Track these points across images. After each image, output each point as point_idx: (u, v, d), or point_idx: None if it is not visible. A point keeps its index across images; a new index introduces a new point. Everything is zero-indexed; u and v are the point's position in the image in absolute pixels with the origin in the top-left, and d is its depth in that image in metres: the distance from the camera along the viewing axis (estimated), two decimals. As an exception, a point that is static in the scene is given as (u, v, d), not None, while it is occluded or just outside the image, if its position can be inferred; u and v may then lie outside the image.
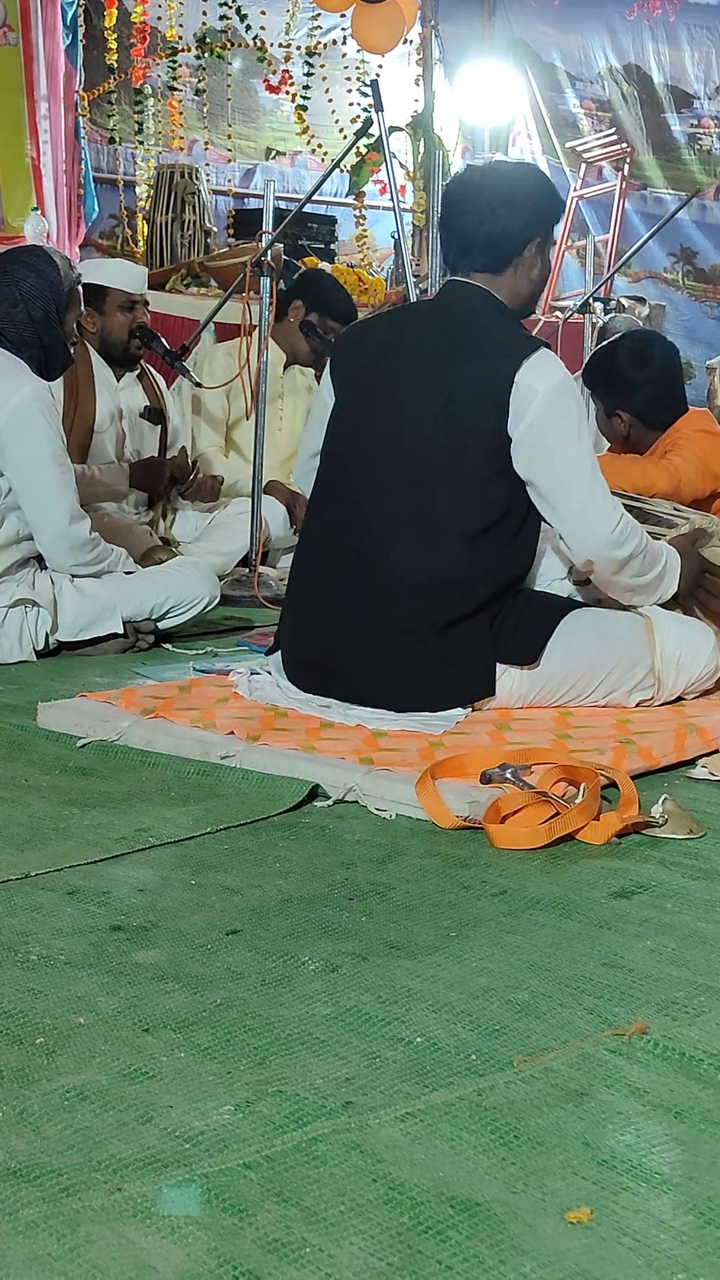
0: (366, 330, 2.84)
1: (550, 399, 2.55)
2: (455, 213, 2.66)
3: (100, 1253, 1.05)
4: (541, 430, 2.55)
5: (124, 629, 3.45)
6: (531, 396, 2.54)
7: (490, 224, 2.63)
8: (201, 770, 2.41)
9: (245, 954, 1.64)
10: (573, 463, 2.59)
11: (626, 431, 3.81)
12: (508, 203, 2.64)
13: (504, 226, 2.63)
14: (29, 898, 1.81)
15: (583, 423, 2.65)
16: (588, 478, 2.61)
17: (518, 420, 2.55)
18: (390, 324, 2.83)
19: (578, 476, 2.59)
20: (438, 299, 2.77)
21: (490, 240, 2.64)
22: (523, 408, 2.54)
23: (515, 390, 2.54)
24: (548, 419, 2.55)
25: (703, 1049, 1.39)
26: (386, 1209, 1.12)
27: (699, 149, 9.15)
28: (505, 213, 2.63)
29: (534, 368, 2.55)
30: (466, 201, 2.64)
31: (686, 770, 2.49)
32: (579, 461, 2.60)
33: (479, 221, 2.63)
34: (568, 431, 2.58)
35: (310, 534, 2.79)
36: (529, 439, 2.55)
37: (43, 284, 3.36)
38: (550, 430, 2.56)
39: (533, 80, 9.60)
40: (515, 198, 2.65)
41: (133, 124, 7.74)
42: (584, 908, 1.81)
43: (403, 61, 8.75)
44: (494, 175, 2.68)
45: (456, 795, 2.17)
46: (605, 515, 2.62)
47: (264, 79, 8.38)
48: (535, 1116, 1.27)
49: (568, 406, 2.59)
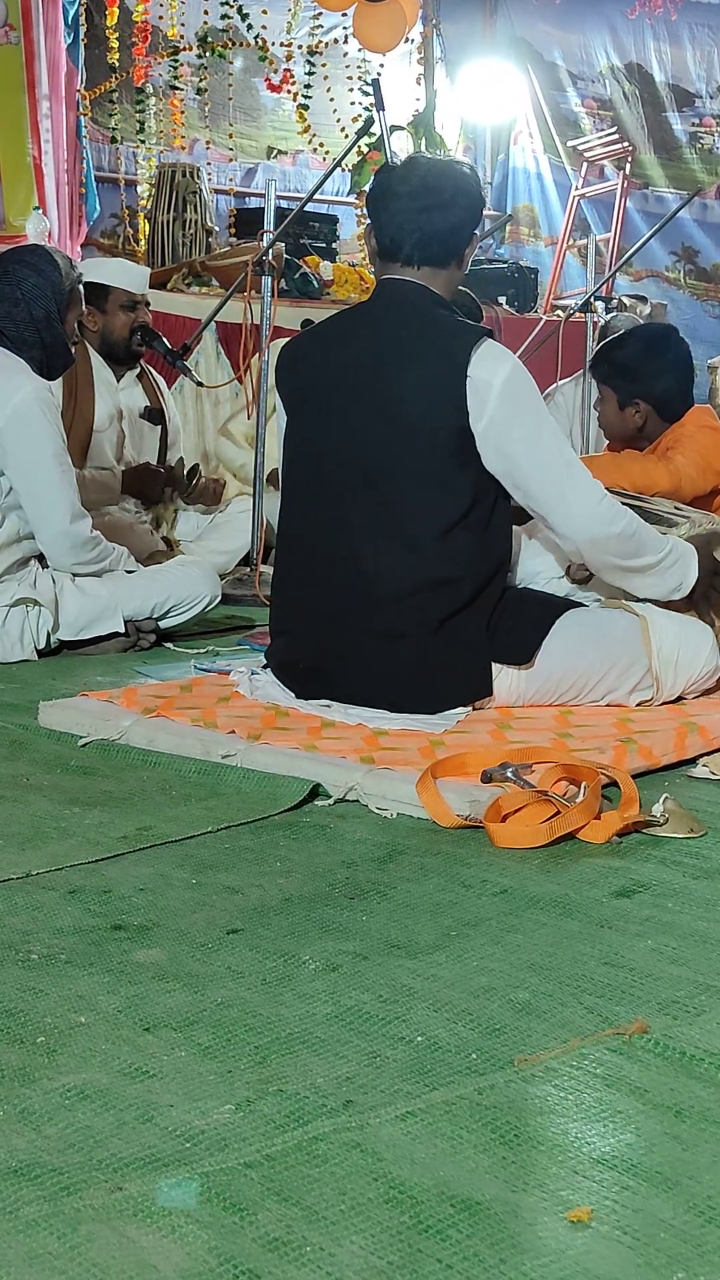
0: (307, 342, 2.81)
1: (507, 389, 2.54)
2: (418, 208, 2.61)
3: (101, 1251, 1.05)
4: (504, 422, 2.55)
5: (125, 628, 3.45)
6: (488, 390, 2.53)
7: (449, 218, 2.62)
8: (202, 769, 2.41)
9: (246, 953, 1.64)
10: (542, 446, 2.58)
11: (642, 423, 3.77)
12: (462, 195, 2.64)
13: (459, 220, 2.64)
14: (30, 897, 1.81)
15: (542, 405, 2.64)
16: (560, 458, 2.61)
17: (479, 415, 2.54)
18: (330, 333, 2.78)
19: (549, 459, 2.59)
20: (377, 300, 2.72)
21: (447, 233, 2.63)
22: (481, 402, 2.53)
23: (470, 385, 2.53)
24: (508, 409, 2.55)
25: (703, 1048, 1.39)
26: (387, 1208, 1.12)
27: (700, 148, 9.15)
28: (462, 204, 2.64)
29: (484, 360, 2.54)
30: (430, 196, 2.61)
31: (687, 769, 2.49)
32: (547, 444, 2.59)
33: (441, 216, 2.61)
34: (529, 417, 2.57)
35: (287, 552, 2.77)
36: (492, 433, 2.55)
37: (44, 283, 3.36)
38: (513, 420, 2.55)
39: (534, 79, 9.59)
40: (467, 191, 2.65)
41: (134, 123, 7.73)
42: (585, 907, 1.81)
43: (404, 60, 8.75)
44: (442, 169, 2.67)
45: (457, 794, 2.17)
46: (585, 493, 2.62)
47: (265, 78, 8.37)
48: (536, 1115, 1.27)
49: (525, 392, 2.58)
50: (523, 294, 7.85)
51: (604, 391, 3.85)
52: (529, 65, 9.58)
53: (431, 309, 2.64)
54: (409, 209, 2.62)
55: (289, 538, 2.76)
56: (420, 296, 2.65)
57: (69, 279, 3.42)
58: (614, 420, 3.84)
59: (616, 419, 3.83)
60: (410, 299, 2.65)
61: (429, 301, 2.65)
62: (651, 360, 3.74)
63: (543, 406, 2.65)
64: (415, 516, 2.57)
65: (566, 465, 2.62)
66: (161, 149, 7.83)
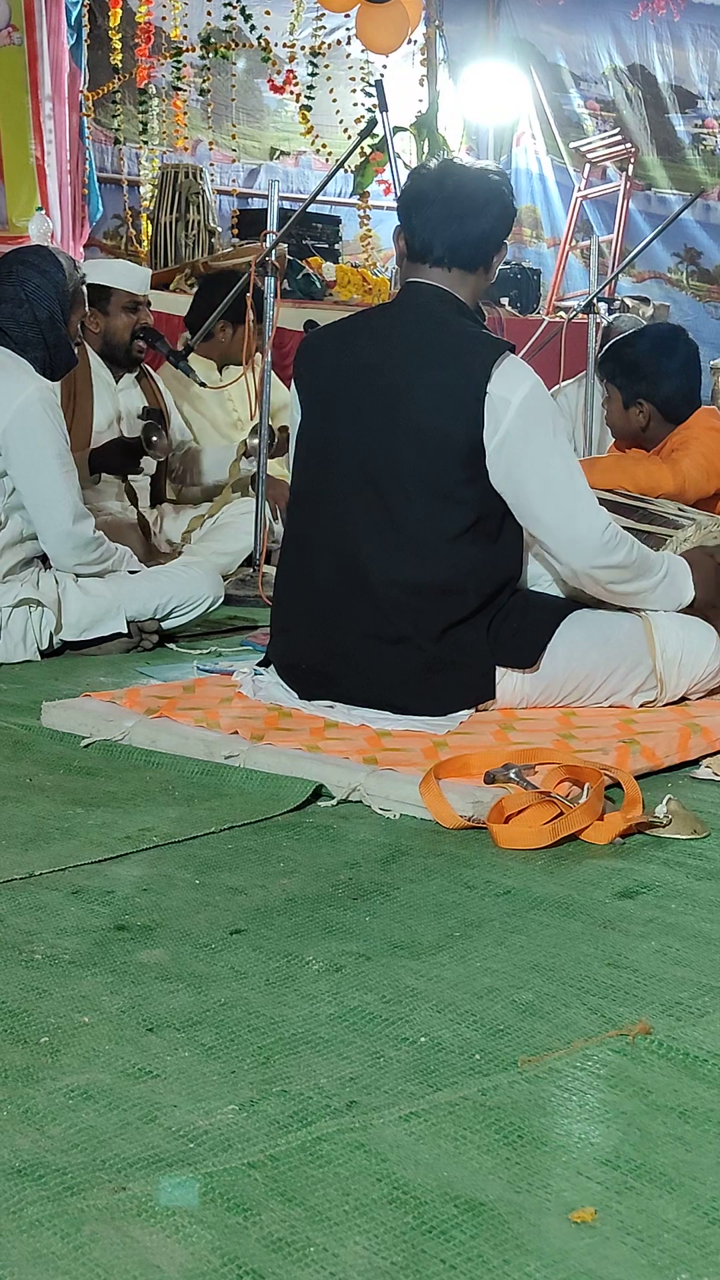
0: (326, 340, 2.79)
1: (524, 409, 2.52)
2: (452, 213, 2.59)
3: (104, 1252, 1.05)
4: (518, 441, 2.52)
5: (128, 629, 3.45)
6: (505, 408, 2.51)
7: (482, 224, 2.61)
8: (205, 770, 2.41)
9: (249, 953, 1.64)
10: (552, 469, 2.56)
11: (645, 423, 3.76)
12: (495, 203, 2.63)
13: (491, 227, 2.63)
14: (33, 897, 1.81)
15: (559, 426, 2.62)
16: (569, 484, 2.58)
17: (493, 433, 2.52)
18: (350, 332, 2.76)
19: (559, 483, 2.56)
20: (400, 303, 2.71)
21: (479, 239, 2.62)
22: (497, 420, 2.51)
23: (489, 402, 2.51)
24: (523, 429, 2.52)
25: (707, 1049, 1.39)
26: (390, 1208, 1.12)
27: (703, 149, 9.15)
28: (494, 212, 2.63)
29: (505, 376, 2.52)
30: (466, 202, 2.60)
31: (690, 770, 2.49)
32: (558, 467, 2.56)
33: (474, 222, 2.60)
34: (544, 439, 2.55)
35: (292, 549, 2.76)
36: (504, 451, 2.52)
37: (48, 284, 3.36)
38: (527, 440, 2.53)
39: (537, 80, 9.60)
40: (500, 199, 2.64)
41: (137, 124, 7.74)
42: (588, 908, 1.81)
43: (407, 61, 8.76)
44: (476, 175, 2.65)
45: (460, 795, 2.17)
46: (591, 520, 2.58)
47: (268, 79, 8.38)
48: (539, 1116, 1.27)
49: (542, 413, 2.56)
50: (525, 295, 7.85)
51: (610, 390, 3.85)
52: (532, 66, 9.58)
53: (454, 316, 2.62)
54: (443, 214, 2.60)
55: (294, 537, 2.76)
56: (443, 302, 2.63)
57: (72, 280, 3.43)
58: (618, 419, 3.84)
59: (620, 418, 3.83)
60: (433, 304, 2.63)
61: (452, 308, 2.63)
62: (658, 361, 3.73)
63: (559, 428, 2.61)
64: (419, 523, 2.56)
65: (574, 492, 2.58)
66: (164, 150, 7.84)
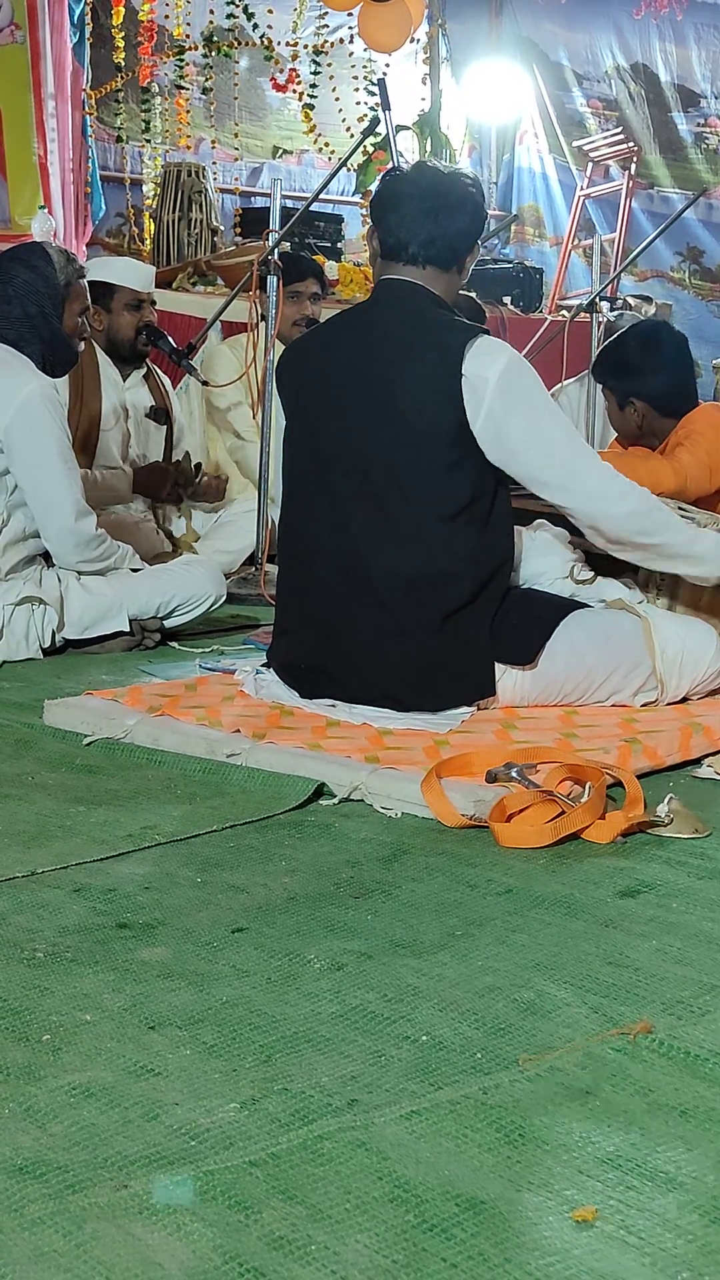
0: (307, 343, 2.83)
1: (503, 382, 2.55)
2: (427, 209, 2.63)
3: (106, 1249, 1.06)
4: (502, 414, 2.55)
5: (130, 627, 3.45)
6: (484, 385, 2.54)
7: (457, 221, 2.64)
8: (207, 768, 2.41)
9: (251, 952, 1.64)
10: (545, 433, 2.59)
11: (640, 421, 3.76)
12: (469, 202, 2.67)
13: (465, 225, 2.66)
14: (35, 895, 1.82)
15: (543, 393, 2.64)
16: (566, 443, 2.62)
17: (476, 412, 2.55)
18: (330, 333, 2.80)
19: (555, 444, 2.60)
20: (375, 299, 2.74)
21: (454, 235, 2.65)
22: (478, 399, 2.54)
23: (466, 382, 2.54)
24: (505, 402, 2.55)
25: (708, 1048, 1.39)
26: (392, 1207, 1.12)
27: (706, 148, 9.14)
28: (469, 210, 2.66)
29: (478, 355, 2.55)
30: (439, 198, 2.64)
31: (692, 769, 2.49)
32: (551, 430, 2.60)
33: (449, 219, 2.64)
34: (530, 407, 2.58)
35: (290, 548, 2.78)
36: (491, 426, 2.55)
37: (37, 279, 3.36)
38: (511, 411, 2.56)
39: (540, 79, 9.59)
40: (473, 199, 2.68)
41: (140, 122, 7.74)
42: (589, 907, 1.81)
43: (410, 60, 8.75)
44: (449, 176, 2.69)
45: (462, 794, 2.17)
46: (595, 473, 2.63)
47: (271, 78, 8.37)
48: (540, 1115, 1.27)
49: (523, 383, 2.59)
50: (527, 294, 7.85)
51: (605, 393, 3.87)
52: (534, 65, 9.57)
53: (430, 308, 2.65)
54: (418, 210, 2.64)
55: (290, 536, 2.77)
56: (419, 296, 2.66)
57: (65, 274, 3.41)
58: (617, 420, 3.85)
59: (618, 419, 3.84)
60: (409, 298, 2.66)
61: (428, 301, 2.66)
62: (643, 359, 3.73)
63: (544, 394, 2.65)
64: (413, 512, 2.58)
65: (574, 450, 2.63)
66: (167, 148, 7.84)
